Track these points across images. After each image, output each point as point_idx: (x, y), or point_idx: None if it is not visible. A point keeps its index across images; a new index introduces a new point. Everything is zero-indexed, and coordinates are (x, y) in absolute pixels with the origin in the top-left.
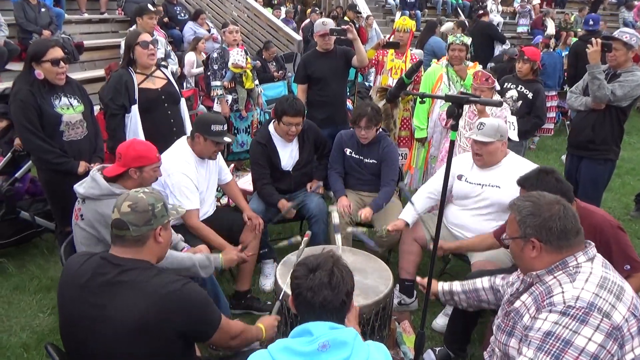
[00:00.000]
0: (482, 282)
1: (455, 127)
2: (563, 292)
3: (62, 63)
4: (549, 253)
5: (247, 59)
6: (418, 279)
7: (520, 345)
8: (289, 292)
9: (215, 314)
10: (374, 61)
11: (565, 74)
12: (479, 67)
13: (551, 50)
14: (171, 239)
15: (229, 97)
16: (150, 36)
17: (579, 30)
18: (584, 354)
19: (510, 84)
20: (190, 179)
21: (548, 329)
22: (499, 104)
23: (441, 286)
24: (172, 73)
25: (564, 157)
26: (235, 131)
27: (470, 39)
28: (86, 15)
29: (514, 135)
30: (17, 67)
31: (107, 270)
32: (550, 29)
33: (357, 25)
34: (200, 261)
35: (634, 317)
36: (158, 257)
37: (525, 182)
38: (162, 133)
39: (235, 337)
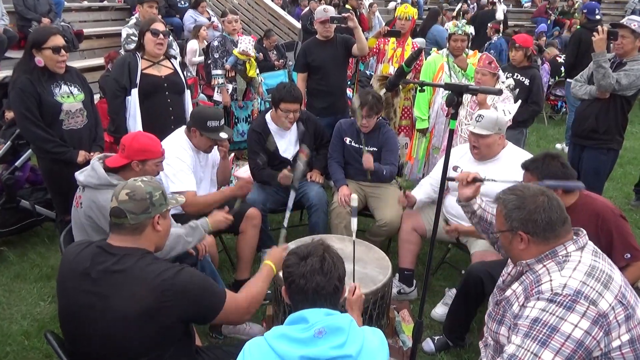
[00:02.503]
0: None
1: (455, 116)
2: (551, 280)
3: (62, 51)
4: (536, 244)
5: (254, 49)
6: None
7: (510, 333)
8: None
9: (217, 293)
10: (374, 50)
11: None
12: (479, 55)
13: (500, 36)
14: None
15: (230, 86)
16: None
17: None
18: (570, 340)
19: (506, 73)
20: (185, 163)
21: (535, 315)
22: (497, 92)
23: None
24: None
25: (558, 145)
26: (236, 120)
27: (472, 27)
28: (86, 3)
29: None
30: (16, 54)
31: (104, 259)
32: (500, 14)
33: (358, 13)
34: (185, 232)
35: (621, 305)
36: (157, 245)
37: (530, 165)
38: (159, 121)
39: (250, 306)
